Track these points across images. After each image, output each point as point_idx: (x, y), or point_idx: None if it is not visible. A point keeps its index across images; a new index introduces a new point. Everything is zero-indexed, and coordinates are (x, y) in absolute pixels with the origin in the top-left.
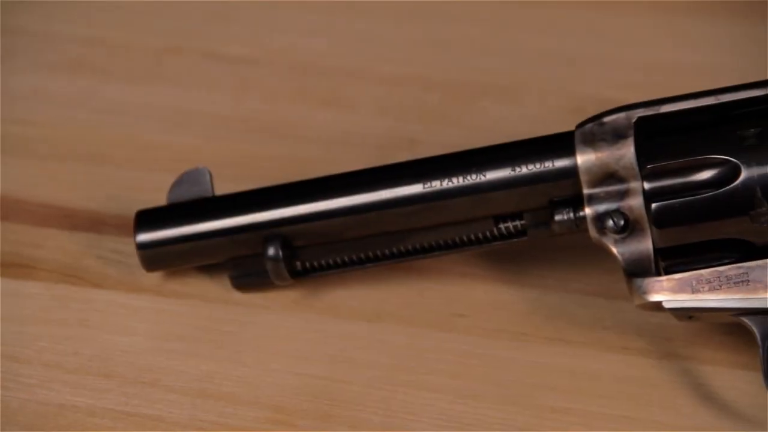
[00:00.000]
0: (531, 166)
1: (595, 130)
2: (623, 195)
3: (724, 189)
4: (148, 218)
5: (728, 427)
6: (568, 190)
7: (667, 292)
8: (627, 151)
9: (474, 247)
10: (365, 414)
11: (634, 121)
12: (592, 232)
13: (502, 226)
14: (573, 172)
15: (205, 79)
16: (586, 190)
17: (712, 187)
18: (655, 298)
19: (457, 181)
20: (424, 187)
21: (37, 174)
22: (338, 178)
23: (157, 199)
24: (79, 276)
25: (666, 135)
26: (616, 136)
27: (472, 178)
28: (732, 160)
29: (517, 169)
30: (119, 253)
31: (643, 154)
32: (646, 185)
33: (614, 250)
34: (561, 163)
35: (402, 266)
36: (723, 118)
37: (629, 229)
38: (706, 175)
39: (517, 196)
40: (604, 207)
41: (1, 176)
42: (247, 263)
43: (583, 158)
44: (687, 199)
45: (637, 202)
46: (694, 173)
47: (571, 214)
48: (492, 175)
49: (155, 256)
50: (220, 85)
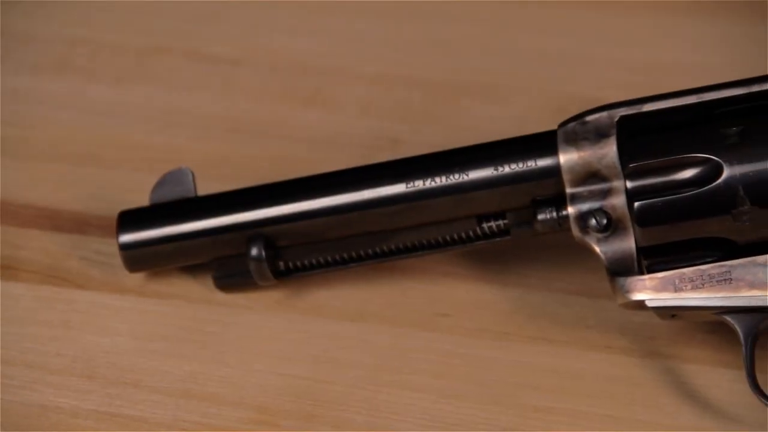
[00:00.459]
0: (514, 166)
1: (578, 129)
2: (606, 194)
3: (707, 188)
4: (130, 219)
5: (711, 425)
6: (550, 189)
7: (649, 290)
8: (609, 150)
9: (457, 247)
10: (349, 414)
11: (616, 120)
12: (575, 231)
13: (485, 226)
14: (556, 172)
15: (190, 80)
16: (569, 189)
17: (695, 186)
18: (637, 296)
19: (440, 181)
20: (407, 187)
21: (20, 175)
22: (321, 178)
23: (142, 199)
24: (63, 277)
25: (648, 134)
26: (599, 135)
27: (455, 178)
28: (714, 159)
29: (500, 169)
30: (103, 254)
31: (625, 153)
32: (629, 184)
33: (597, 249)
34: (544, 163)
35: (385, 266)
36: (705, 117)
37: (612, 228)
38: (688, 173)
39: (500, 196)
40: (586, 206)
41: None
42: (230, 263)
43: (566, 157)
44: (669, 197)
45: (619, 201)
46: (677, 172)
47: (554, 213)
48: (475, 175)
49: (138, 257)
50: (205, 86)
